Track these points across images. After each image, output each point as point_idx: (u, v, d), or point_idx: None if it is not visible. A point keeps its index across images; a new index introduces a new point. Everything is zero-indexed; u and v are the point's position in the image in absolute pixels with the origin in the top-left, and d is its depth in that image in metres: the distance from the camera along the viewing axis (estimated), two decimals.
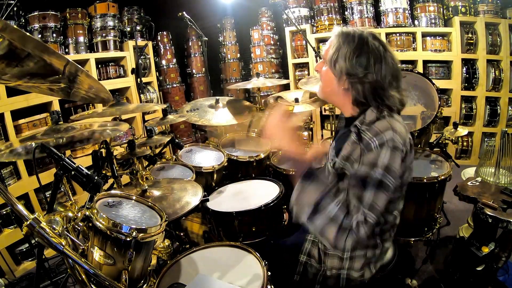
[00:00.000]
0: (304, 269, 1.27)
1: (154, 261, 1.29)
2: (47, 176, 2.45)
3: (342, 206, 1.03)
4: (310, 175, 1.06)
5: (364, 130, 1.05)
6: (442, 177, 1.86)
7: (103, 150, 1.65)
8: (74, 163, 1.06)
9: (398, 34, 3.57)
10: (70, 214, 1.10)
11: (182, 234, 1.98)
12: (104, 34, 3.43)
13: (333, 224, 0.99)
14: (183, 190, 1.64)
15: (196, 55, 4.35)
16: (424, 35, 3.53)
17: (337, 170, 1.13)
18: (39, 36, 2.97)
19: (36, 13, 2.95)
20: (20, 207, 0.80)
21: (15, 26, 0.60)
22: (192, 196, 1.58)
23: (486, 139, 3.54)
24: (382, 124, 1.04)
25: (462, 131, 2.25)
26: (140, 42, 3.67)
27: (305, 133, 3.41)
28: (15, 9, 2.77)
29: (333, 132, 2.74)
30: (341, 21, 3.89)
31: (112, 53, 3.46)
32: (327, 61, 1.12)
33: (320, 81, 1.20)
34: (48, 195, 2.31)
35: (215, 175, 2.06)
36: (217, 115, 2.46)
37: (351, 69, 1.05)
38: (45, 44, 0.72)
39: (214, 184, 2.05)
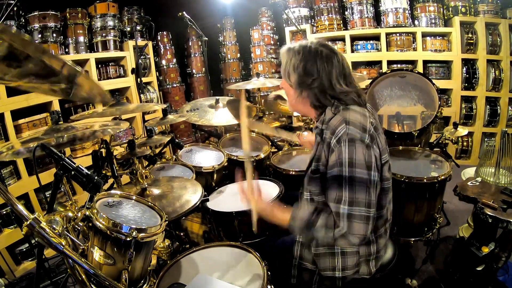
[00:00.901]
0: (299, 272, 1.28)
1: (154, 261, 1.30)
2: (47, 176, 2.44)
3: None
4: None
5: (324, 130, 1.13)
6: (442, 177, 1.86)
7: (103, 150, 1.65)
8: (74, 163, 1.07)
9: (398, 34, 3.57)
10: (70, 214, 1.11)
11: (182, 234, 1.98)
12: (104, 34, 3.43)
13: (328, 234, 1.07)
14: (183, 188, 1.64)
15: (196, 55, 4.35)
16: (424, 35, 3.53)
17: (314, 173, 1.17)
18: (39, 36, 2.96)
19: (36, 13, 2.95)
20: (20, 207, 0.80)
21: (14, 30, 0.65)
22: (191, 194, 1.58)
23: (486, 139, 3.54)
24: (336, 119, 1.10)
25: (462, 131, 2.25)
26: (140, 42, 3.67)
27: (305, 133, 3.40)
28: (15, 9, 2.77)
29: None
30: (341, 21, 3.89)
31: (112, 53, 3.45)
32: (283, 76, 1.22)
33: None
34: (48, 195, 2.30)
35: (215, 175, 2.06)
36: (217, 115, 2.46)
37: (300, 79, 1.14)
38: (44, 47, 0.75)
39: (214, 184, 2.04)
